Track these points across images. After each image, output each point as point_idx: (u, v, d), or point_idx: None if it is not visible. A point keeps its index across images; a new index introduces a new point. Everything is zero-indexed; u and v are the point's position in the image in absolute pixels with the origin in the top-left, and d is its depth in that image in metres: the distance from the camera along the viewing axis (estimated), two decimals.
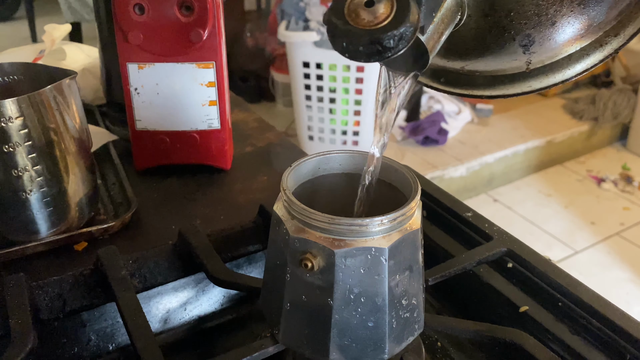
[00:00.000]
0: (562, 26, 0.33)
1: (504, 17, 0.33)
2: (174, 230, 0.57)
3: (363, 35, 0.28)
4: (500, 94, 0.39)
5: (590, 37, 0.34)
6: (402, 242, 0.38)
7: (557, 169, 2.45)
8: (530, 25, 0.33)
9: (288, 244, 0.38)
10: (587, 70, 0.36)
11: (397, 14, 0.28)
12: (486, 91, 0.40)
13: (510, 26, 0.33)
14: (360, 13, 0.28)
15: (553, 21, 0.33)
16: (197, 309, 0.57)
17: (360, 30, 0.28)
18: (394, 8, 0.28)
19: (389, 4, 0.28)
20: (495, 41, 0.34)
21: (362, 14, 0.28)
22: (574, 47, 0.35)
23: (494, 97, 0.40)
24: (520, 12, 0.32)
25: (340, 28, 0.28)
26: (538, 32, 0.33)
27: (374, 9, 0.28)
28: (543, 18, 0.33)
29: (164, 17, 0.60)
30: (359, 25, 0.28)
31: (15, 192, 0.51)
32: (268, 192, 0.66)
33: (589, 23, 0.33)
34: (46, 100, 0.50)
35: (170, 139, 0.67)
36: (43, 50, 0.85)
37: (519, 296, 0.52)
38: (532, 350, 0.42)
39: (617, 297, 1.67)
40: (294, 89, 2.08)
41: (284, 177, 0.40)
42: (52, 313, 0.50)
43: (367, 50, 0.28)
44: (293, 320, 0.40)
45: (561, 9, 0.32)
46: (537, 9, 0.32)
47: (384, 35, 0.28)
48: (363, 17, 0.28)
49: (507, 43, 0.34)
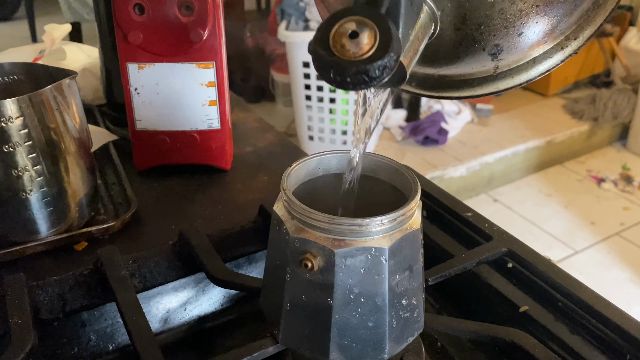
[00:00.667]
0: (528, 35, 0.35)
1: (474, 30, 0.35)
2: (174, 230, 0.57)
3: (349, 66, 0.29)
4: (469, 95, 0.41)
5: (552, 42, 0.37)
6: (402, 242, 0.38)
7: (557, 169, 2.45)
8: (499, 37, 0.35)
9: (288, 244, 0.38)
10: (549, 70, 0.38)
11: (380, 44, 0.29)
12: (455, 93, 0.42)
13: (480, 38, 0.35)
14: (345, 44, 0.29)
15: (520, 32, 0.35)
16: (197, 309, 0.57)
17: (346, 62, 0.29)
18: (377, 38, 0.29)
19: (372, 34, 0.29)
20: (466, 51, 0.37)
21: (347, 45, 0.29)
22: (538, 51, 0.38)
23: (462, 98, 0.42)
24: (490, 25, 0.34)
25: (327, 59, 0.29)
26: (506, 41, 0.35)
27: (359, 40, 0.29)
28: (511, 29, 0.35)
29: (164, 17, 0.60)
30: (345, 56, 0.29)
31: (15, 192, 0.51)
32: (268, 192, 0.66)
33: (552, 30, 0.36)
34: (46, 100, 0.50)
35: (170, 139, 0.67)
36: (43, 50, 0.85)
37: (519, 296, 0.52)
38: (532, 350, 0.42)
39: (617, 297, 1.67)
40: (294, 89, 2.08)
41: (284, 177, 0.40)
42: (52, 313, 0.50)
43: (354, 80, 0.29)
44: (293, 320, 0.40)
45: (528, 20, 0.34)
46: (505, 22, 0.34)
47: (370, 66, 0.29)
48: (348, 49, 0.29)
49: (477, 53, 0.36)
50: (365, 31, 0.29)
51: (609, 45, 2.74)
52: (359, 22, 0.29)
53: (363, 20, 0.29)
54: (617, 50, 2.75)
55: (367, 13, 0.30)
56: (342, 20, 0.30)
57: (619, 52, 2.74)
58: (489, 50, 0.36)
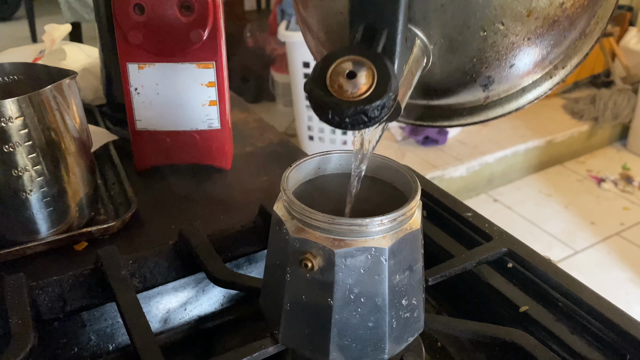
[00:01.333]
0: (519, 66, 0.36)
1: (466, 63, 0.35)
2: (174, 230, 0.57)
3: (348, 107, 0.29)
4: (459, 124, 0.42)
5: (542, 71, 0.38)
6: (402, 242, 0.38)
7: (557, 169, 2.45)
8: (491, 69, 0.35)
9: (288, 244, 0.38)
10: (538, 98, 0.39)
11: (378, 84, 0.29)
12: (445, 122, 0.42)
13: (472, 70, 0.36)
14: (342, 84, 0.29)
15: (512, 63, 0.35)
16: (197, 309, 0.57)
17: (344, 102, 0.29)
18: (375, 78, 0.29)
19: (370, 73, 0.29)
20: (458, 83, 0.37)
21: (344, 85, 0.29)
22: (527, 80, 0.38)
23: (452, 126, 0.42)
24: (482, 58, 0.35)
25: (325, 100, 0.29)
26: (497, 73, 0.36)
27: (356, 81, 0.29)
28: (502, 61, 0.35)
29: (164, 17, 0.60)
30: (343, 97, 0.29)
31: (15, 192, 0.51)
32: (268, 192, 0.66)
33: (542, 60, 0.36)
34: (46, 100, 0.50)
35: (170, 139, 0.67)
36: (43, 50, 0.85)
37: (519, 296, 0.52)
38: (532, 350, 0.42)
39: (617, 297, 1.67)
40: (294, 89, 2.08)
41: (284, 177, 0.40)
42: (52, 313, 0.50)
43: (353, 120, 0.29)
44: (293, 320, 0.40)
45: (519, 53, 0.35)
46: (497, 54, 0.35)
47: (369, 106, 0.28)
48: (346, 89, 0.29)
49: (468, 84, 0.37)
50: (362, 71, 0.29)
51: (609, 45, 2.74)
52: (355, 61, 0.29)
53: (360, 59, 0.29)
54: (617, 50, 2.74)
55: (364, 52, 0.29)
56: (339, 60, 0.29)
57: (619, 52, 2.74)
58: (481, 81, 0.36)
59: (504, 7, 0.32)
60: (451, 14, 0.33)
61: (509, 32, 0.33)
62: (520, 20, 0.33)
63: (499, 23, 0.33)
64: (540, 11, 0.33)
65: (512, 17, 0.33)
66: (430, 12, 0.33)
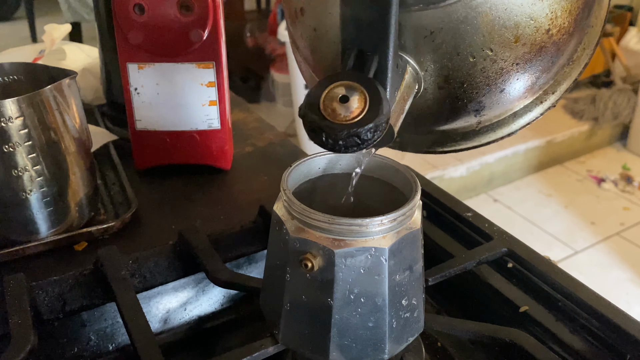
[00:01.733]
0: (509, 91, 0.36)
1: (457, 89, 0.36)
2: (174, 230, 0.57)
3: (341, 129, 0.30)
4: (452, 150, 0.43)
5: (532, 96, 0.39)
6: (402, 242, 0.38)
7: (557, 169, 2.45)
8: (482, 94, 0.36)
9: (288, 244, 0.38)
10: (529, 123, 0.40)
11: (370, 107, 0.30)
12: (439, 148, 0.43)
13: (463, 96, 0.36)
14: (336, 108, 0.30)
15: (502, 88, 0.36)
16: (197, 309, 0.57)
17: (337, 125, 0.30)
18: (367, 102, 0.30)
19: (362, 98, 0.30)
20: (449, 109, 0.38)
21: (338, 109, 0.30)
22: (518, 105, 0.39)
23: (446, 152, 0.43)
24: (472, 84, 0.35)
25: (318, 123, 0.30)
26: (488, 98, 0.37)
27: (349, 104, 0.30)
28: (493, 87, 0.36)
29: (164, 17, 0.60)
30: (336, 120, 0.30)
31: (15, 192, 0.51)
32: (268, 192, 0.66)
33: (532, 86, 0.37)
34: (46, 100, 0.50)
35: (170, 139, 0.67)
36: (43, 50, 0.85)
37: (519, 296, 0.52)
38: (532, 350, 0.42)
39: (617, 297, 1.67)
40: (294, 89, 2.08)
41: (284, 177, 0.40)
42: (52, 313, 0.50)
43: (346, 143, 0.30)
44: (293, 320, 0.40)
45: (508, 78, 0.35)
46: (487, 79, 0.35)
47: (362, 129, 0.30)
48: (339, 113, 0.30)
49: (460, 110, 0.38)
50: (354, 95, 0.30)
51: (609, 45, 2.73)
52: (348, 86, 0.30)
53: (352, 84, 0.30)
54: (617, 50, 2.74)
55: (356, 77, 0.30)
56: (332, 85, 0.30)
57: (619, 52, 2.74)
58: (472, 107, 0.37)
59: (492, 33, 0.33)
60: (440, 41, 0.34)
61: (498, 57, 0.34)
62: (508, 47, 0.34)
63: (487, 49, 0.34)
64: (527, 37, 0.34)
65: (500, 44, 0.34)
66: (420, 39, 0.34)
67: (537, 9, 0.33)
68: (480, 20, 0.33)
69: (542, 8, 0.33)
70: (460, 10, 0.33)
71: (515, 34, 0.33)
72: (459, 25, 0.33)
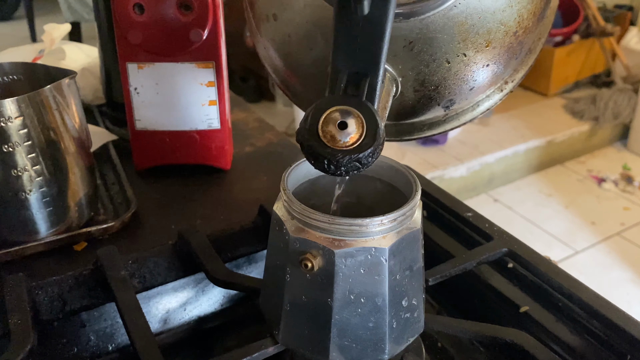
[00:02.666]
0: (477, 87, 0.39)
1: (432, 91, 0.38)
2: (174, 230, 0.57)
3: (342, 156, 0.31)
4: (419, 137, 0.45)
5: (494, 87, 0.41)
6: (402, 242, 0.37)
7: (557, 169, 2.45)
8: (453, 93, 0.38)
9: (288, 244, 0.38)
10: (490, 109, 0.43)
11: (367, 132, 0.31)
12: (406, 136, 0.45)
13: (436, 96, 0.39)
14: (335, 135, 0.31)
15: (471, 86, 0.38)
16: (197, 309, 0.57)
17: (338, 152, 0.31)
18: (364, 127, 0.31)
19: (359, 123, 0.31)
20: (422, 107, 0.40)
21: (337, 135, 0.31)
22: (482, 96, 0.41)
23: (412, 139, 0.45)
24: (445, 85, 0.38)
25: (320, 151, 0.31)
26: (458, 96, 0.39)
27: (348, 131, 0.31)
28: (463, 86, 0.38)
29: (163, 16, 0.60)
30: (336, 146, 0.31)
31: (15, 192, 0.51)
32: (268, 192, 0.66)
33: (497, 80, 0.40)
34: (46, 100, 0.50)
35: (170, 139, 0.67)
36: (43, 50, 0.85)
37: (519, 296, 0.52)
38: (532, 350, 0.42)
39: (617, 297, 1.67)
40: None
41: (283, 177, 0.40)
42: (52, 313, 0.50)
43: (348, 168, 0.31)
44: (293, 320, 0.40)
45: (478, 77, 0.38)
46: (459, 81, 0.38)
47: (362, 154, 0.31)
48: (339, 139, 0.31)
49: (432, 107, 0.40)
50: (351, 120, 0.31)
51: (609, 45, 2.73)
52: (344, 111, 0.31)
53: (349, 109, 0.31)
54: (617, 50, 2.74)
55: (351, 102, 0.32)
56: (328, 111, 0.32)
57: (620, 52, 2.74)
58: (443, 104, 0.39)
59: (466, 40, 0.35)
60: (419, 50, 0.36)
61: (471, 61, 0.36)
62: (481, 51, 0.36)
63: (462, 54, 0.36)
64: (498, 41, 0.36)
65: (474, 49, 0.36)
66: (399, 49, 0.36)
67: (507, 14, 0.35)
68: (456, 30, 0.35)
69: (511, 13, 0.35)
70: (438, 21, 0.34)
71: (487, 39, 0.35)
72: (437, 35, 0.35)
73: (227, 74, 0.66)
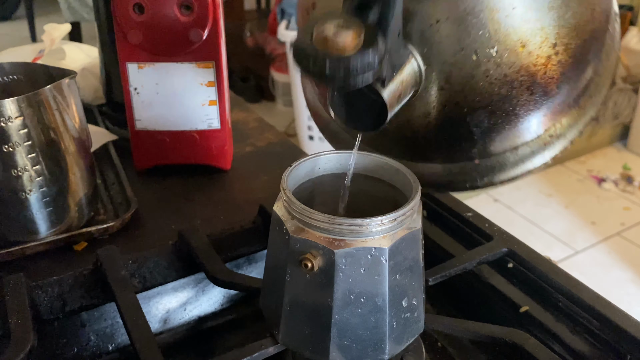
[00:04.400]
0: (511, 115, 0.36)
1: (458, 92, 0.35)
2: (174, 230, 0.57)
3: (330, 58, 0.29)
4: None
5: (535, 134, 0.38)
6: (402, 242, 0.37)
7: (557, 169, 2.45)
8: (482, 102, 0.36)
9: (288, 244, 0.38)
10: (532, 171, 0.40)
11: (364, 44, 0.29)
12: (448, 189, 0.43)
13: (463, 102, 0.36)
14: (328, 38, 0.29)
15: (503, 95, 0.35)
16: (197, 309, 0.57)
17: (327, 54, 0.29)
18: (361, 38, 0.29)
19: (357, 34, 0.29)
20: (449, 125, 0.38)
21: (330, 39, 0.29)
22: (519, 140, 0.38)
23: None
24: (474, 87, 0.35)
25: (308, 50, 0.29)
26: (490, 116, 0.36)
27: (343, 38, 0.29)
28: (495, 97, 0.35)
29: (163, 16, 0.60)
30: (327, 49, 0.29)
31: (15, 192, 0.51)
32: (268, 192, 0.66)
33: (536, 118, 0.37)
34: (46, 100, 0.50)
35: (170, 139, 0.67)
36: (43, 50, 0.85)
37: (519, 296, 0.52)
38: (532, 350, 0.42)
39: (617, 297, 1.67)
40: (294, 89, 2.08)
41: (283, 177, 0.40)
42: (52, 313, 0.50)
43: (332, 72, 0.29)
44: (293, 320, 0.40)
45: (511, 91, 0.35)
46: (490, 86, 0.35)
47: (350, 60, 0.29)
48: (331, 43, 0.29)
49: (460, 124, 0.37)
50: (350, 30, 0.29)
51: None
52: (345, 21, 0.30)
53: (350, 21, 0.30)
54: None
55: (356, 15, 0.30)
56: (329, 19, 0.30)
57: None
58: (472, 121, 0.36)
59: (497, 32, 0.32)
60: (446, 32, 0.34)
61: (502, 61, 0.33)
62: (514, 52, 0.33)
63: (491, 48, 0.33)
64: (534, 45, 0.33)
65: (505, 46, 0.33)
66: (426, 28, 0.34)
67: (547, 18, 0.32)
68: (486, 15, 0.32)
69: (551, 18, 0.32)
70: (468, 1, 0.32)
71: (522, 40, 0.32)
72: (466, 17, 0.33)
73: (227, 74, 0.66)
